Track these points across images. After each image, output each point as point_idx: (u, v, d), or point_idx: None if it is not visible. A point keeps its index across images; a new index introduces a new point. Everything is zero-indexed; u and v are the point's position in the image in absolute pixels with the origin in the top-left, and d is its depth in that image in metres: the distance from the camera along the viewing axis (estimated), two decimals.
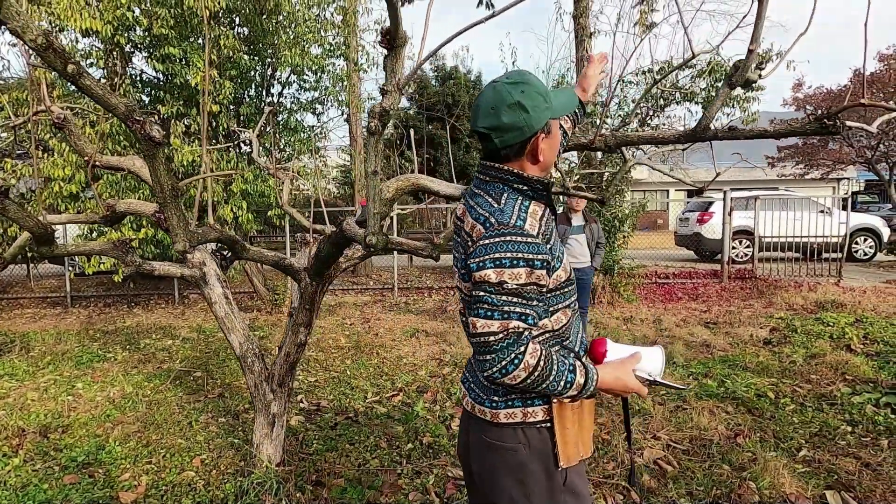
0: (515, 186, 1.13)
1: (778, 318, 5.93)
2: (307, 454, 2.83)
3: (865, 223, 11.07)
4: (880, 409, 3.33)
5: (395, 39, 1.25)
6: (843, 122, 1.26)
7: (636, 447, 2.90)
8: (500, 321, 1.03)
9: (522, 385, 1.06)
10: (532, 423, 1.13)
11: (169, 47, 4.96)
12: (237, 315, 2.52)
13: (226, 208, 5.41)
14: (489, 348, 1.04)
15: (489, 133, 1.11)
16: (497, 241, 1.05)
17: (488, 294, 1.04)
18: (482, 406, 1.17)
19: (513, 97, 1.08)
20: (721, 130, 1.48)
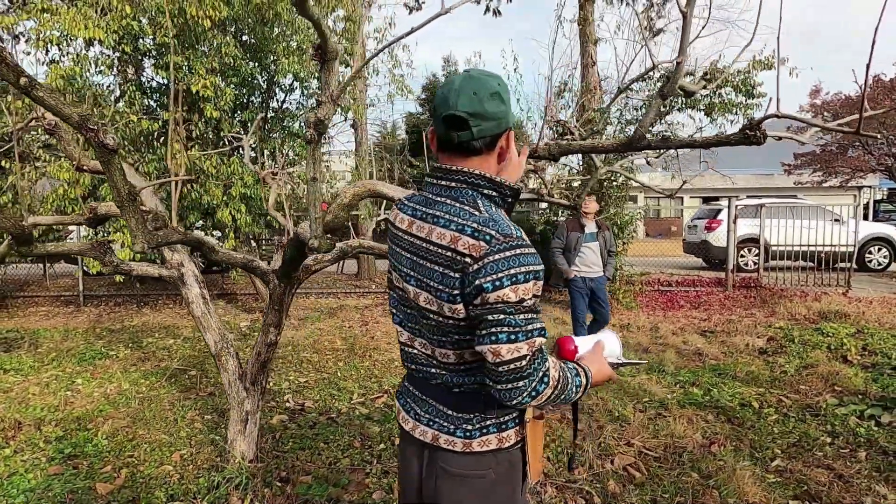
0: (485, 192, 1.05)
1: (777, 328, 5.84)
2: (282, 452, 2.90)
3: (880, 232, 10.80)
4: (864, 421, 3.28)
5: (326, 53, 1.32)
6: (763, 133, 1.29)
7: (607, 454, 2.91)
8: (526, 342, 0.96)
9: (546, 401, 1.01)
10: (505, 448, 1.09)
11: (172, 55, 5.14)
12: (213, 315, 2.61)
13: (224, 211, 5.56)
14: (521, 374, 0.96)
15: (468, 119, 1.01)
16: (509, 255, 0.96)
17: (509, 315, 0.95)
18: (451, 437, 1.08)
19: (493, 87, 1.04)
20: (654, 140, 1.51)
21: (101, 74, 5.43)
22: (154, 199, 2.62)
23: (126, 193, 1.58)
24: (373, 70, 7.91)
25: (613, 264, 4.83)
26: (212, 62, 5.40)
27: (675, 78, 1.47)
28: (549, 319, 6.66)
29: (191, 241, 1.90)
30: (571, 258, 4.68)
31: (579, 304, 4.71)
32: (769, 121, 1.36)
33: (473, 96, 1.02)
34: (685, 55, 1.44)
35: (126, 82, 5.91)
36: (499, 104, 1.04)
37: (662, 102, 1.51)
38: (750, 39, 1.60)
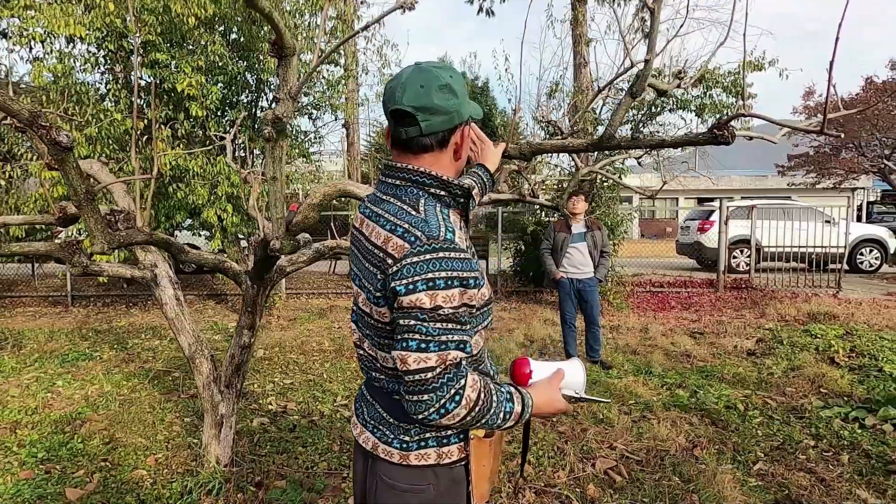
0: (432, 192, 0.99)
1: (766, 330, 5.83)
2: (258, 455, 2.86)
3: (871, 234, 10.83)
4: (848, 424, 3.26)
5: (283, 49, 1.28)
6: (731, 132, 1.26)
7: (589, 457, 2.87)
8: (437, 353, 0.89)
9: (460, 423, 0.93)
10: (446, 465, 1.02)
11: (157, 53, 5.09)
12: (187, 317, 2.56)
13: (210, 211, 5.51)
14: (426, 386, 0.89)
15: (415, 113, 0.96)
16: (428, 259, 0.90)
17: (421, 322, 0.89)
18: (388, 447, 1.03)
19: (443, 79, 0.97)
20: (624, 139, 1.48)
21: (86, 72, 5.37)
22: (127, 199, 2.57)
23: (83, 192, 1.53)
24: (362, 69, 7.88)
25: (606, 265, 4.70)
26: (198, 61, 5.35)
27: (643, 76, 1.44)
28: (539, 320, 6.63)
29: (157, 242, 1.85)
30: (559, 259, 4.64)
31: (566, 305, 4.68)
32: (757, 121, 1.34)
33: (420, 89, 0.97)
34: (653, 53, 1.41)
35: (114, 80, 5.86)
36: (449, 97, 0.98)
37: (632, 101, 1.48)
38: (724, 39, 1.57)
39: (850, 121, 15.84)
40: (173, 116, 5.49)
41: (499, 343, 5.45)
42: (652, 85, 1.50)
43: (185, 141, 5.75)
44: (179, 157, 5.10)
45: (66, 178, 1.51)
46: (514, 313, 7.25)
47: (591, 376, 4.33)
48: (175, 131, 5.52)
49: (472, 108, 1.08)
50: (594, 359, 4.69)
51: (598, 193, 7.07)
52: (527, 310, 7.42)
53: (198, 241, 8.17)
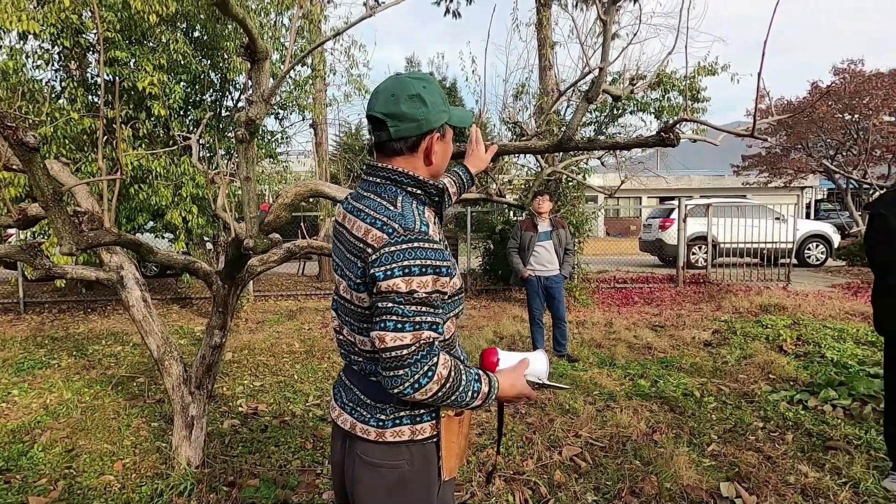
0: (409, 190, 1.09)
1: (721, 321, 6.14)
2: (230, 456, 2.85)
3: (817, 230, 11.51)
4: (793, 406, 3.50)
5: (256, 53, 1.32)
6: (677, 136, 1.37)
7: (556, 445, 3.00)
8: (412, 332, 0.98)
9: (432, 399, 1.01)
10: (419, 441, 1.10)
11: (116, 51, 4.95)
12: (155, 318, 2.54)
13: (174, 212, 5.39)
14: (402, 362, 0.98)
15: (385, 120, 1.06)
16: (405, 248, 0.99)
17: (397, 305, 0.98)
18: (365, 425, 1.11)
19: (414, 88, 1.06)
20: (581, 141, 1.58)
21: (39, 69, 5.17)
22: (90, 200, 2.53)
23: (51, 193, 1.53)
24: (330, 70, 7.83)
25: (571, 262, 4.85)
26: (159, 59, 5.23)
27: (598, 83, 1.54)
28: (508, 317, 6.77)
29: (125, 243, 1.85)
30: (526, 257, 4.77)
31: (534, 302, 4.82)
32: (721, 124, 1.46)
33: (391, 98, 1.07)
34: (607, 61, 1.52)
35: (69, 78, 5.65)
36: (418, 106, 1.07)
37: (588, 106, 1.59)
38: (672, 47, 1.69)
39: (798, 123, 16.76)
40: (134, 116, 5.34)
41: (469, 340, 5.55)
42: (607, 91, 1.61)
43: (146, 141, 5.60)
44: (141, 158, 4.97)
45: (32, 178, 1.51)
46: (484, 311, 7.38)
47: (559, 370, 4.48)
48: (136, 131, 5.37)
49: (454, 116, 1.15)
50: (561, 353, 4.84)
51: (563, 193, 7.27)
52: (496, 307, 7.55)
53: (161, 244, 7.95)
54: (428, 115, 1.08)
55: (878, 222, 2.44)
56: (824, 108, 15.53)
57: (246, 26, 1.22)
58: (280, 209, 1.89)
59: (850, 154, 16.22)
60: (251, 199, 1.49)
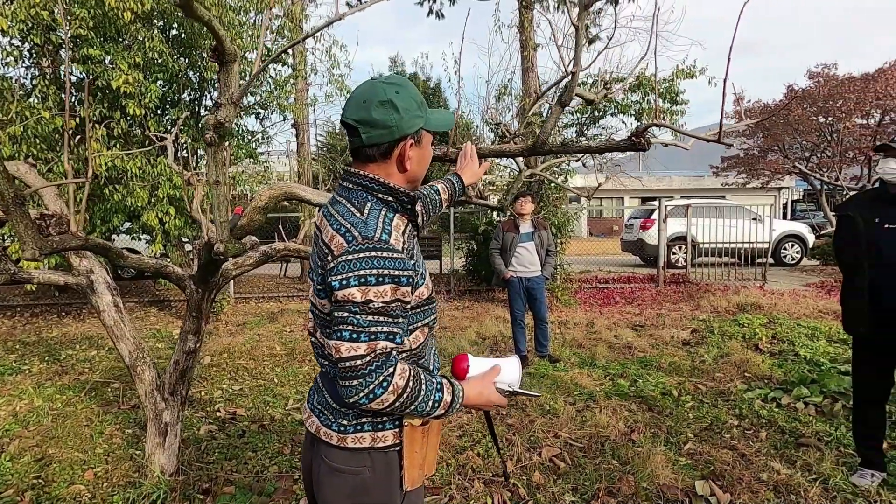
0: (380, 196, 1.08)
1: (700, 321, 6.24)
2: (206, 463, 2.80)
3: (793, 230, 11.78)
4: (767, 404, 3.57)
5: (224, 55, 1.30)
6: (647, 140, 1.39)
7: (535, 446, 3.01)
8: (367, 343, 0.97)
9: (390, 409, 1.00)
10: (381, 448, 1.09)
11: (89, 48, 4.83)
12: (127, 324, 2.49)
13: (150, 214, 5.28)
14: (356, 373, 0.97)
15: (357, 126, 1.06)
16: (361, 257, 0.98)
17: (353, 315, 0.97)
18: (328, 430, 1.11)
19: (386, 94, 1.05)
20: (555, 145, 1.59)
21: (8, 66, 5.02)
22: (59, 202, 2.46)
23: (11, 196, 1.48)
24: (311, 70, 7.76)
25: (552, 263, 4.88)
26: (134, 57, 5.12)
27: (571, 87, 1.55)
28: (491, 318, 6.79)
29: (92, 247, 1.80)
30: (508, 259, 4.78)
31: (516, 303, 4.84)
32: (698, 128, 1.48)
33: (362, 104, 1.06)
34: (579, 66, 1.53)
35: (41, 75, 5.50)
36: (389, 112, 1.05)
37: (562, 110, 1.59)
38: (645, 51, 1.71)
39: (775, 126, 17.13)
40: (109, 115, 5.22)
41: (452, 341, 5.55)
42: (580, 95, 1.62)
43: (121, 141, 5.48)
44: (116, 158, 4.86)
45: None
46: (467, 312, 7.39)
47: (540, 370, 4.50)
48: (111, 130, 5.25)
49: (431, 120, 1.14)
50: (542, 354, 4.87)
51: (545, 194, 7.32)
52: (479, 308, 7.57)
53: (138, 246, 7.80)
54: (400, 121, 1.07)
55: (845, 224, 2.51)
56: (800, 111, 15.90)
57: (213, 28, 1.20)
58: (254, 212, 1.86)
59: (824, 156, 16.64)
60: (221, 202, 1.46)
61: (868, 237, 2.36)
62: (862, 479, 2.51)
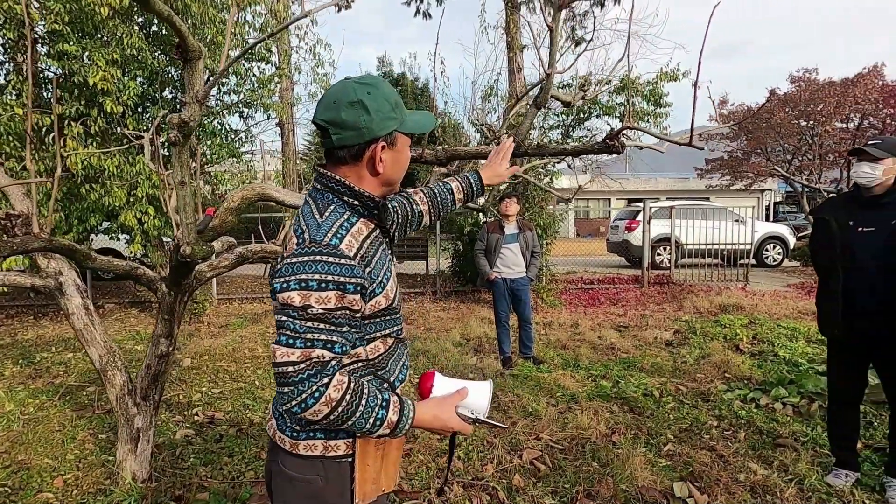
0: (345, 199, 1.05)
1: (683, 322, 6.30)
2: (181, 469, 2.74)
3: (774, 231, 11.96)
4: (746, 404, 3.60)
5: (188, 52, 1.26)
6: (622, 143, 1.38)
7: (516, 449, 3.00)
8: (301, 350, 0.94)
9: (325, 421, 0.98)
10: (332, 458, 1.06)
11: (65, 44, 4.72)
12: (97, 326, 2.42)
13: (128, 213, 5.18)
14: (288, 380, 0.95)
15: (327, 127, 1.03)
16: (306, 261, 0.95)
17: (291, 319, 0.95)
18: (283, 434, 1.08)
19: (356, 95, 1.02)
20: (531, 148, 1.57)
21: None
22: (26, 202, 2.39)
23: None
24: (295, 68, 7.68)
25: (537, 265, 4.87)
26: (112, 53, 5.01)
27: (546, 88, 1.54)
28: (476, 319, 6.77)
29: (57, 249, 1.75)
30: (492, 259, 4.77)
31: (500, 305, 4.83)
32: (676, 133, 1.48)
33: (332, 105, 1.03)
34: (554, 67, 1.52)
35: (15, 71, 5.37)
36: (359, 114, 1.02)
37: (537, 112, 1.58)
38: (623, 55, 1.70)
39: (758, 129, 17.41)
40: (85, 112, 5.10)
41: (436, 343, 5.52)
42: (555, 97, 1.61)
43: (99, 139, 5.36)
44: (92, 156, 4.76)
45: None
46: (452, 313, 7.37)
47: (524, 372, 4.49)
48: (87, 128, 5.14)
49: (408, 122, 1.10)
50: (527, 355, 4.87)
51: (530, 195, 7.34)
52: (464, 309, 7.56)
53: (117, 246, 7.65)
54: (371, 123, 1.03)
55: (820, 227, 2.53)
56: (782, 115, 16.17)
57: (173, 24, 1.16)
58: (226, 213, 1.82)
59: (805, 159, 16.93)
60: (187, 203, 1.42)
61: (843, 240, 2.39)
62: (836, 479, 2.54)
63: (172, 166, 1.36)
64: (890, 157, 2.31)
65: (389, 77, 20.70)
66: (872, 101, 14.90)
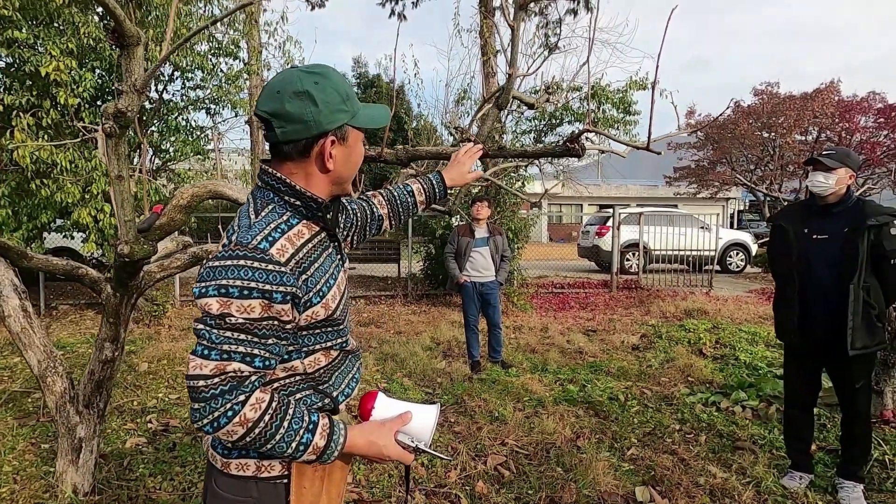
0: (287, 199, 0.97)
1: (649, 326, 6.40)
2: (128, 480, 2.60)
3: (737, 239, 12.34)
4: (707, 408, 3.67)
5: (125, 38, 1.18)
6: (582, 146, 1.36)
7: (481, 454, 2.96)
8: (216, 362, 0.86)
9: (241, 442, 0.89)
10: (266, 479, 0.97)
11: (14, 31, 4.47)
12: (37, 330, 2.27)
13: (82, 211, 4.94)
14: (198, 395, 0.86)
15: (271, 120, 0.95)
16: (228, 265, 0.87)
17: (207, 328, 0.87)
18: (214, 451, 1.00)
19: (302, 85, 0.94)
20: (492, 150, 1.54)
21: None
22: None
23: None
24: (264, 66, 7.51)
25: (506, 269, 4.87)
26: (68, 43, 4.78)
27: (507, 89, 1.51)
28: (447, 322, 6.73)
29: None
30: (462, 263, 4.74)
31: (470, 308, 4.80)
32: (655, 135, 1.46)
33: (276, 95, 0.95)
34: (515, 69, 1.49)
35: None
36: (306, 105, 0.94)
37: (499, 113, 1.55)
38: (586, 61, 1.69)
39: (723, 139, 18.02)
40: (37, 104, 4.85)
41: (405, 346, 5.45)
42: (518, 98, 1.59)
43: (51, 132, 5.11)
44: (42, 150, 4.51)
45: None
46: (424, 316, 7.31)
47: (492, 376, 4.47)
48: (39, 120, 4.88)
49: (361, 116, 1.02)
50: (495, 359, 4.85)
51: (502, 199, 7.35)
52: (436, 312, 7.51)
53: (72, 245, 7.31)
54: (318, 115, 0.95)
55: (777, 234, 2.59)
56: (745, 126, 16.76)
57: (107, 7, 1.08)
58: (174, 211, 1.73)
59: (767, 169, 17.58)
60: (126, 200, 1.33)
61: (798, 248, 2.45)
62: (791, 482, 2.59)
63: (109, 159, 1.27)
64: (843, 166, 2.37)
65: (364, 78, 20.54)
66: (829, 116, 15.59)
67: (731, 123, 16.98)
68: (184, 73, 6.20)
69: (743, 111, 17.22)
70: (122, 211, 1.35)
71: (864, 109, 15.82)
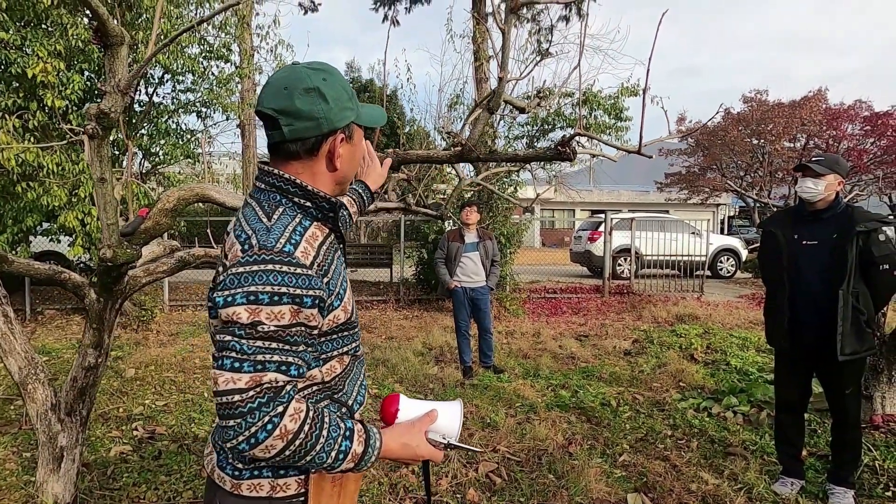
0: (296, 201, 0.93)
1: (641, 331, 6.41)
2: (111, 490, 2.55)
3: (728, 244, 12.44)
4: (699, 413, 3.66)
5: (108, 38, 1.15)
6: (573, 150, 1.35)
7: (472, 462, 2.93)
8: (251, 374, 0.81)
9: (280, 458, 0.84)
10: (281, 499, 0.92)
11: (1, 32, 4.41)
12: (18, 336, 2.22)
13: (69, 214, 4.87)
14: (234, 411, 0.80)
15: (278, 117, 0.91)
16: (255, 270, 0.83)
17: (237, 339, 0.81)
18: (222, 472, 0.94)
19: (312, 81, 0.91)
20: (483, 154, 1.53)
21: None
22: None
23: None
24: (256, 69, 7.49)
25: (497, 273, 4.86)
26: (56, 44, 4.72)
27: (498, 93, 1.50)
28: (439, 327, 6.70)
29: None
30: (452, 268, 4.73)
31: (460, 314, 4.78)
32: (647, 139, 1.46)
33: (283, 91, 0.92)
34: (506, 72, 1.48)
35: None
36: (316, 102, 0.91)
37: (489, 116, 1.54)
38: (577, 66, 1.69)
39: (714, 146, 18.22)
40: (23, 105, 4.78)
41: (397, 352, 5.42)
42: (509, 102, 1.58)
43: (38, 134, 5.04)
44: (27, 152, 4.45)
45: None
46: (416, 321, 7.27)
47: (484, 381, 4.45)
48: (25, 122, 4.81)
49: (363, 114, 1.01)
50: (487, 364, 4.83)
51: (494, 205, 7.36)
52: (428, 318, 7.47)
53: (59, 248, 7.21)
54: (329, 112, 0.93)
55: (768, 239, 2.60)
56: (735, 133, 16.95)
57: (90, 6, 1.06)
58: (160, 215, 1.70)
59: (756, 175, 17.78)
60: (108, 203, 1.30)
61: (789, 254, 2.46)
62: (783, 487, 2.59)
63: (91, 161, 1.24)
64: (832, 173, 2.39)
65: (358, 83, 20.53)
66: (817, 123, 15.81)
67: (721, 130, 17.18)
68: (174, 75, 6.15)
69: (733, 118, 17.43)
70: (104, 214, 1.32)
71: (850, 117, 16.08)
